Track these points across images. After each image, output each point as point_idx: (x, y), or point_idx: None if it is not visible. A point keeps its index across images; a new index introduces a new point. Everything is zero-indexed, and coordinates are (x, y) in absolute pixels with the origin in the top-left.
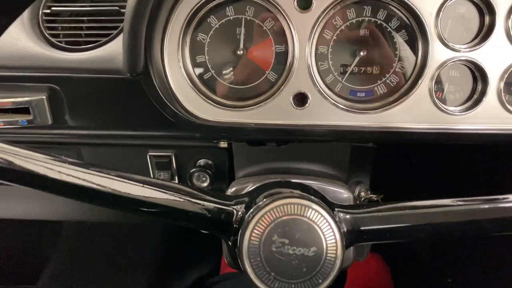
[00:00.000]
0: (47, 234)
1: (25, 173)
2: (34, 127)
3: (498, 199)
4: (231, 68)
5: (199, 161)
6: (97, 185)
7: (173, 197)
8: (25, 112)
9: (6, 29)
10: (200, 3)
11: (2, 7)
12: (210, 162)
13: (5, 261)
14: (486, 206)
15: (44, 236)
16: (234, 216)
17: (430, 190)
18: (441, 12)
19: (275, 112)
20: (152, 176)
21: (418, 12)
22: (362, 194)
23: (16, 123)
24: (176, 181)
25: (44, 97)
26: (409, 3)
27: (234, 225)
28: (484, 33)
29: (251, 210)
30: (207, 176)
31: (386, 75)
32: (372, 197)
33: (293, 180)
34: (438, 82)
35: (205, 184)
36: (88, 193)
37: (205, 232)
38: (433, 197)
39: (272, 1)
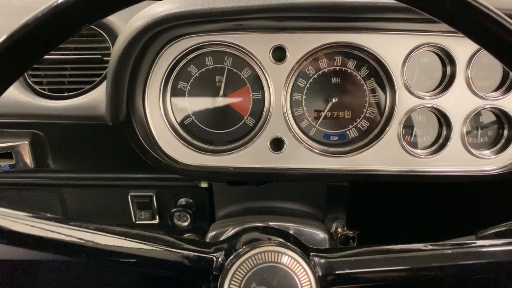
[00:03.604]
0: (26, 274)
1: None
2: (17, 171)
3: (466, 243)
4: (211, 114)
5: (180, 200)
6: (78, 239)
7: (152, 248)
8: (7, 156)
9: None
10: (180, 54)
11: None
12: (191, 201)
13: None
14: (452, 251)
15: (22, 275)
16: (214, 263)
17: (405, 224)
18: (406, 63)
19: (253, 156)
20: (133, 215)
21: (385, 63)
22: (339, 230)
23: None
24: (157, 221)
25: (26, 142)
26: (377, 54)
27: (214, 272)
28: (446, 81)
29: (231, 257)
30: (188, 215)
31: (357, 119)
32: (349, 233)
33: (270, 224)
34: (406, 126)
35: (186, 224)
36: (67, 248)
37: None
38: (407, 232)
39: (248, 54)
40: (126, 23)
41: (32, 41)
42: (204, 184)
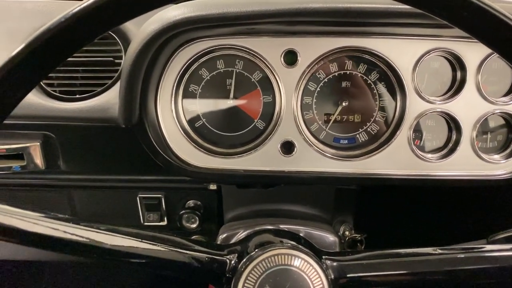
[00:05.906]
0: (31, 275)
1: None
2: (27, 172)
3: (477, 248)
4: (221, 117)
5: (188, 202)
6: (90, 240)
7: (165, 249)
8: (18, 157)
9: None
10: (193, 58)
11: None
12: (199, 203)
13: None
14: (463, 256)
15: (28, 276)
16: (227, 265)
17: (413, 228)
18: (417, 67)
19: (264, 159)
20: (141, 217)
21: (396, 67)
22: (347, 233)
23: (9, 169)
24: (166, 222)
25: (38, 144)
26: (387, 59)
27: (227, 275)
28: (456, 86)
29: (244, 260)
30: (196, 217)
31: (367, 123)
32: (356, 236)
33: (281, 226)
34: (416, 131)
35: (194, 226)
36: (78, 248)
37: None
38: (415, 236)
39: (259, 57)
40: (137, 26)
41: (61, 42)
42: (213, 186)
